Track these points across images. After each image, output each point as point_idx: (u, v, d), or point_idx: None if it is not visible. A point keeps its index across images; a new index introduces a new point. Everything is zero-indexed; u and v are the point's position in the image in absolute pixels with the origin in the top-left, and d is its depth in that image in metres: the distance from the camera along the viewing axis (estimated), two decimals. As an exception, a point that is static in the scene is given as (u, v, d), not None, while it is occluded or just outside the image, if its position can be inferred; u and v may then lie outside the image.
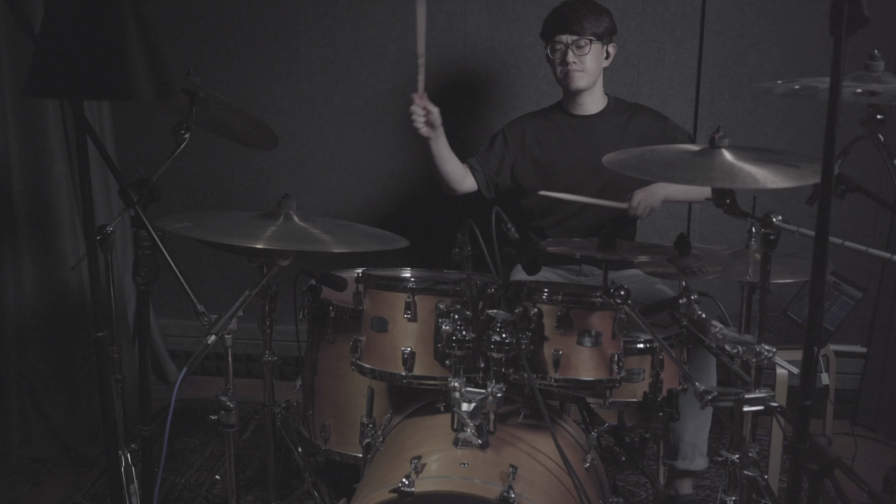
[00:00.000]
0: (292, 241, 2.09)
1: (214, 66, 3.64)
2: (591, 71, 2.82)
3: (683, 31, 3.40)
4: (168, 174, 3.81)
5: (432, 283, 2.08)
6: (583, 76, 2.82)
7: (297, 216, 2.21)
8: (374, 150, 3.65)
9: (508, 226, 2.03)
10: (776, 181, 1.78)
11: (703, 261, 2.11)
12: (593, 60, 2.81)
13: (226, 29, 3.61)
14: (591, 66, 2.81)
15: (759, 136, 3.44)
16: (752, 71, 3.40)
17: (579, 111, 2.94)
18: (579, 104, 2.93)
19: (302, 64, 3.61)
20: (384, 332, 2.12)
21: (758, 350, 1.90)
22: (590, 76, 2.83)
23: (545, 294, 2.02)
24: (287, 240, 2.09)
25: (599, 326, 2.03)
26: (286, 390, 3.06)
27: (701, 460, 2.70)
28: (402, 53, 3.55)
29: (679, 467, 2.71)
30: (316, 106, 3.63)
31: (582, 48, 2.79)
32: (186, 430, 3.46)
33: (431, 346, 2.08)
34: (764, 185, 1.76)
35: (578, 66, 2.80)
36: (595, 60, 2.82)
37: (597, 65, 2.83)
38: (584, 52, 2.79)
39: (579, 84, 2.83)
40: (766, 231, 1.88)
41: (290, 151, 3.68)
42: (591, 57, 2.80)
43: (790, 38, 3.36)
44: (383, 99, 3.59)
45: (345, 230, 2.26)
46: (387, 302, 2.12)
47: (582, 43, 2.78)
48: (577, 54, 2.79)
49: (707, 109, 3.43)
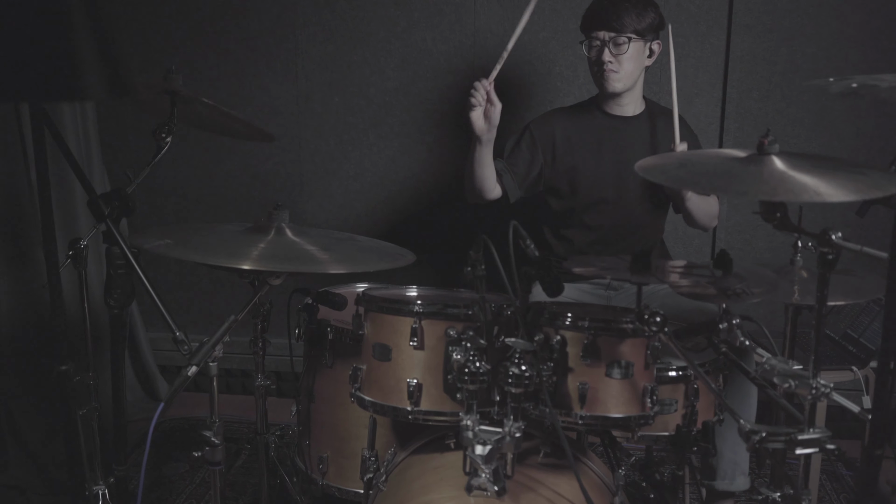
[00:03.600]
0: (284, 261, 1.87)
1: (207, 64, 3.43)
2: (629, 72, 2.60)
3: (709, 26, 3.20)
4: (157, 179, 3.67)
5: (441, 305, 1.86)
6: (619, 78, 2.60)
7: (290, 230, 1.98)
8: (378, 153, 3.43)
9: (527, 242, 1.80)
10: (839, 194, 1.54)
11: (747, 281, 1.88)
12: (632, 60, 2.59)
13: (219, 24, 3.41)
14: (628, 66, 2.59)
15: (790, 139, 3.21)
16: (782, 68, 3.19)
17: (617, 111, 2.72)
18: (618, 104, 2.71)
19: (300, 61, 3.39)
20: (387, 360, 1.89)
21: (813, 385, 1.67)
22: (627, 78, 2.61)
23: (569, 319, 1.80)
24: (278, 259, 1.87)
25: (631, 356, 1.80)
26: (283, 410, 2.83)
27: (742, 479, 2.48)
28: (407, 49, 3.33)
29: (718, 488, 2.48)
30: (315, 105, 3.43)
31: (620, 46, 2.56)
32: (176, 453, 3.23)
33: (441, 377, 1.85)
34: (827, 198, 1.53)
35: (615, 66, 2.58)
36: (634, 60, 2.60)
37: (636, 65, 2.61)
38: (622, 50, 2.56)
39: (615, 87, 2.62)
40: (823, 250, 1.65)
41: (288, 154, 3.46)
42: (631, 56, 2.58)
43: (824, 34, 3.16)
44: (387, 98, 3.39)
45: (343, 245, 2.03)
46: (390, 327, 1.89)
47: (620, 41, 2.56)
48: (614, 53, 2.57)
49: (734, 109, 3.23)
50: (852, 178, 1.64)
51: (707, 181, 1.62)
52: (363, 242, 2.09)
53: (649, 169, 1.70)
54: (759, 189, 1.57)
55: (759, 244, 3.28)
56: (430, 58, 3.32)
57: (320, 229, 2.12)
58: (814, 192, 1.53)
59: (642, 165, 1.73)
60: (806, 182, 1.58)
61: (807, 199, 1.53)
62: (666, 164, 1.73)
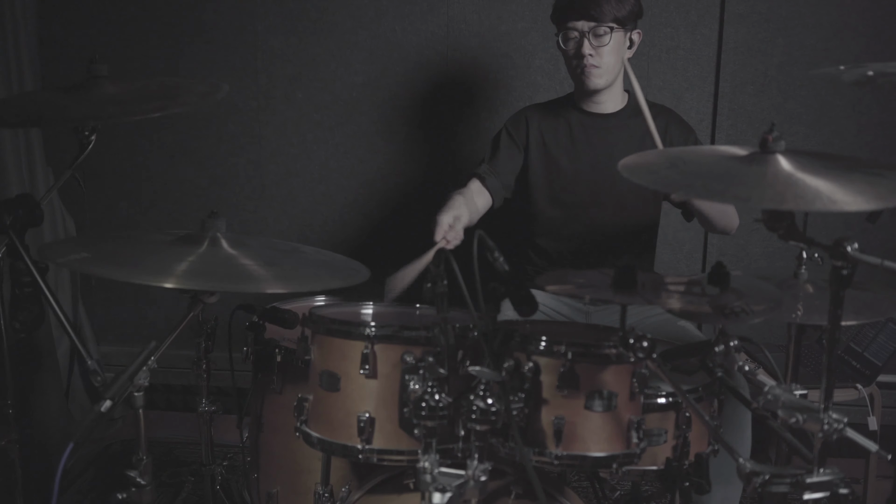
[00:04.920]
0: (215, 278, 1.62)
1: (159, 55, 3.19)
2: (611, 66, 2.38)
3: (700, 14, 3.00)
4: (106, 182, 3.43)
5: (397, 327, 1.62)
6: (600, 73, 2.37)
7: (227, 241, 1.74)
8: (345, 154, 3.20)
9: (496, 254, 1.57)
10: (857, 201, 1.31)
11: (747, 298, 1.65)
12: (613, 53, 2.36)
13: (171, 14, 3.18)
14: (610, 60, 2.36)
15: (787, 136, 2.87)
16: (779, 60, 2.99)
17: (595, 108, 2.50)
18: (595, 101, 2.49)
19: (260, 54, 3.17)
20: (335, 391, 1.66)
21: (825, 421, 1.44)
22: (609, 72, 2.38)
23: (543, 343, 1.56)
24: (208, 275, 1.62)
25: (614, 385, 1.57)
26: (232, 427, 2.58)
27: None
28: (375, 41, 3.11)
29: None
30: (276, 102, 3.21)
31: (601, 37, 2.33)
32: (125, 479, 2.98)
33: (396, 410, 1.62)
34: (843, 206, 1.30)
35: (595, 60, 2.35)
36: (615, 53, 2.37)
37: (617, 58, 2.38)
38: (603, 42, 2.33)
39: (597, 83, 2.39)
40: (837, 264, 1.41)
41: (247, 154, 3.23)
42: (612, 49, 2.35)
43: (823, 23, 2.96)
44: (355, 94, 3.17)
45: (288, 259, 1.78)
46: (339, 352, 1.65)
47: (601, 31, 2.33)
48: (594, 45, 2.34)
49: (727, 105, 3.03)
50: (870, 182, 1.41)
51: (702, 184, 1.38)
52: (311, 255, 1.84)
53: (634, 169, 1.46)
54: (764, 195, 1.33)
55: (755, 249, 3.07)
56: (401, 50, 3.10)
57: (264, 238, 1.87)
58: (828, 200, 1.30)
59: (626, 165, 1.50)
60: (818, 187, 1.35)
61: (820, 207, 1.30)
62: (653, 163, 1.49)
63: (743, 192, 1.34)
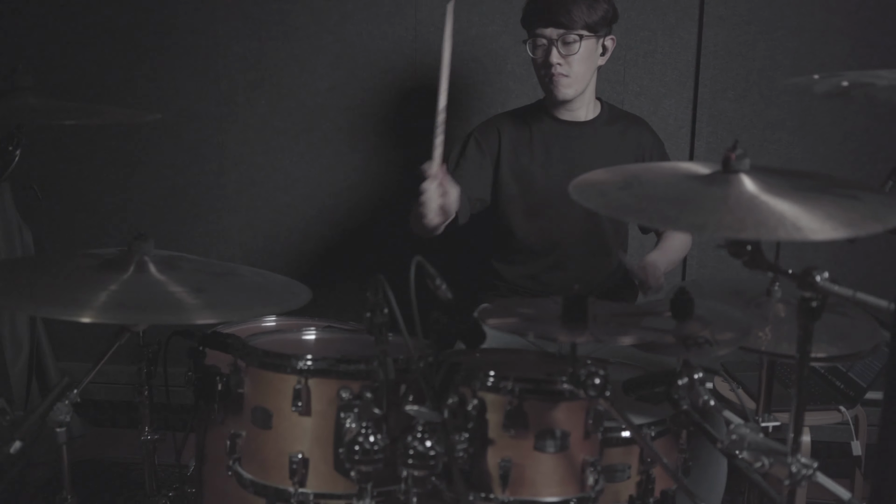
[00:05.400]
0: (138, 309, 1.51)
1: (117, 63, 3.07)
2: (581, 76, 2.27)
3: (679, 17, 2.88)
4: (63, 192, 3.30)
5: (333, 361, 1.49)
6: (570, 83, 2.27)
7: (155, 265, 1.61)
8: (310, 162, 3.08)
9: (437, 282, 1.45)
10: (825, 229, 1.19)
11: (712, 327, 1.53)
12: (584, 62, 2.25)
13: (128, 18, 3.05)
14: (580, 69, 2.25)
15: (769, 144, 2.89)
16: (760, 64, 2.88)
17: (567, 116, 2.39)
18: (568, 109, 2.38)
19: (221, 59, 3.04)
20: (268, 428, 1.54)
21: (792, 466, 1.32)
22: (579, 82, 2.28)
23: (491, 379, 1.43)
24: (130, 306, 1.50)
25: (567, 423, 1.46)
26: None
27: None
28: (341, 45, 2.99)
29: None
30: (238, 109, 3.07)
31: (570, 45, 2.22)
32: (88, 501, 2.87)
33: (331, 450, 1.50)
34: (809, 234, 1.18)
35: (564, 69, 2.24)
36: (586, 61, 2.26)
37: (588, 66, 2.27)
38: (573, 50, 2.22)
39: (565, 93, 2.29)
40: (805, 296, 1.29)
41: (209, 163, 3.10)
42: (582, 57, 2.24)
43: (807, 27, 2.84)
44: (320, 100, 3.05)
45: (222, 283, 1.65)
46: (270, 387, 1.54)
47: (570, 38, 2.22)
48: (563, 54, 2.23)
49: (707, 111, 2.91)
50: (841, 206, 1.29)
51: (654, 209, 1.26)
52: (247, 278, 1.71)
53: (584, 190, 1.34)
54: (722, 222, 1.21)
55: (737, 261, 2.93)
56: (367, 54, 2.98)
57: (198, 260, 1.75)
58: (792, 227, 1.18)
59: (577, 185, 1.37)
60: (783, 212, 1.23)
61: (783, 236, 1.18)
62: (606, 182, 1.37)
63: (699, 218, 1.22)
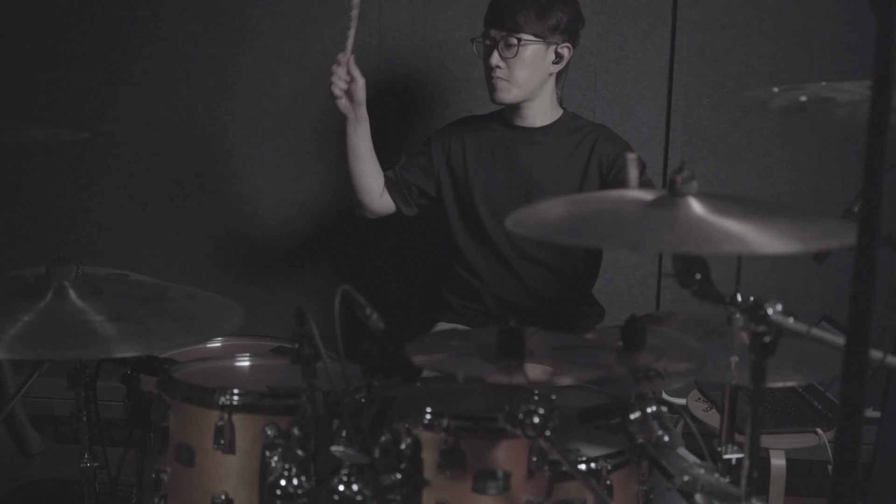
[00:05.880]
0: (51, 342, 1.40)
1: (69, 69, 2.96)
2: (521, 81, 2.17)
3: (651, 22, 2.77)
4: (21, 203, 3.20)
5: (257, 396, 1.40)
6: (508, 87, 2.18)
7: (75, 291, 1.51)
8: (273, 172, 2.98)
9: (367, 311, 1.35)
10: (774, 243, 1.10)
11: (665, 358, 1.43)
12: (526, 67, 2.16)
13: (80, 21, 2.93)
14: (521, 74, 2.16)
15: (745, 153, 2.79)
16: (737, 71, 2.77)
17: (519, 122, 2.30)
18: (520, 115, 2.29)
19: (179, 65, 2.94)
20: (191, 466, 1.44)
21: (747, 513, 1.22)
22: (519, 87, 2.18)
23: (427, 416, 1.34)
24: (43, 339, 1.40)
25: (508, 463, 1.36)
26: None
27: None
28: (302, 51, 2.89)
29: None
30: (198, 117, 2.97)
31: (510, 48, 2.14)
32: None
33: (257, 491, 1.39)
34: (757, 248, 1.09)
35: (503, 72, 2.16)
36: (529, 67, 2.16)
37: (531, 73, 2.18)
38: (511, 54, 2.14)
39: (503, 97, 2.20)
40: (757, 330, 1.20)
41: (168, 174, 3.01)
42: (524, 62, 2.15)
43: (785, 31, 2.74)
44: (282, 107, 2.94)
45: (146, 307, 1.55)
46: (193, 422, 1.44)
47: (511, 41, 2.13)
48: (503, 56, 2.14)
49: (681, 119, 2.81)
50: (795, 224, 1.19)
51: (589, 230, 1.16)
52: (177, 302, 1.60)
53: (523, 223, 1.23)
54: (661, 238, 1.11)
55: (713, 275, 2.84)
56: (330, 60, 2.77)
57: (129, 282, 1.65)
58: (738, 241, 1.09)
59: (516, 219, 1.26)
60: (729, 229, 1.13)
61: (727, 249, 1.08)
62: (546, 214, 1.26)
63: (635, 236, 1.12)
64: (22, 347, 1.37)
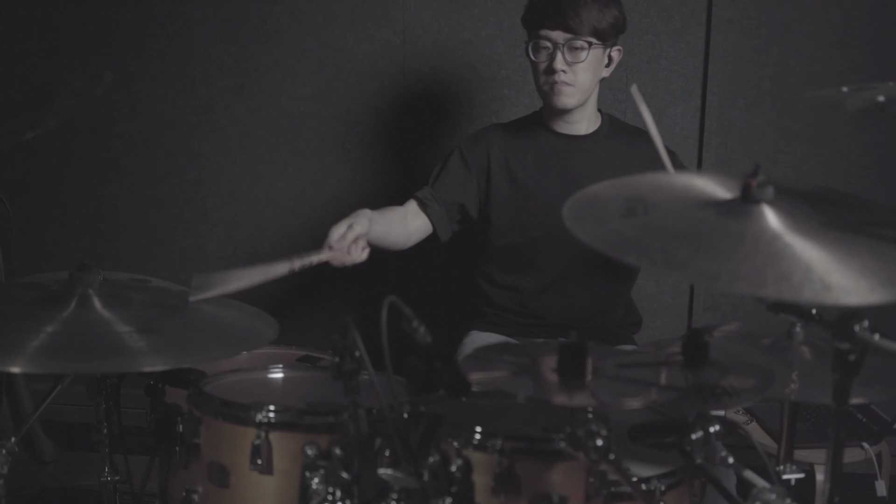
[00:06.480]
0: (77, 355, 1.32)
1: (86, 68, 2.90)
2: (584, 86, 2.10)
3: (685, 20, 2.71)
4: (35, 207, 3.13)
5: (296, 413, 1.31)
6: (573, 93, 2.09)
7: (100, 299, 1.43)
8: (293, 173, 2.92)
9: (414, 324, 1.27)
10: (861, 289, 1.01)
11: (731, 375, 1.35)
12: (589, 71, 2.08)
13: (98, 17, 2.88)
14: (584, 79, 2.08)
15: (782, 156, 2.72)
16: (773, 71, 2.71)
17: (565, 129, 2.21)
18: (567, 121, 2.20)
19: (198, 63, 2.89)
20: (225, 487, 1.36)
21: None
22: (582, 93, 2.10)
23: (477, 436, 1.25)
24: (69, 352, 1.32)
25: (565, 487, 1.28)
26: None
27: None
28: (325, 49, 2.83)
29: None
30: (217, 116, 2.91)
31: (576, 52, 2.05)
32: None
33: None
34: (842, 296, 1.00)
35: (569, 77, 2.06)
36: (591, 71, 2.09)
37: (593, 77, 2.10)
38: (579, 58, 2.05)
39: (566, 102, 2.11)
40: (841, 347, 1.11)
41: (187, 175, 2.95)
42: (588, 66, 2.07)
43: (822, 30, 2.67)
44: (303, 107, 2.88)
45: (174, 320, 1.47)
46: (227, 440, 1.36)
47: (577, 44, 2.04)
48: (568, 61, 2.05)
49: (715, 121, 2.74)
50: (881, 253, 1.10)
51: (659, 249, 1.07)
52: (209, 312, 1.53)
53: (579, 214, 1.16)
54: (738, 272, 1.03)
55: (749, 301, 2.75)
56: (353, 59, 2.82)
57: (154, 289, 1.57)
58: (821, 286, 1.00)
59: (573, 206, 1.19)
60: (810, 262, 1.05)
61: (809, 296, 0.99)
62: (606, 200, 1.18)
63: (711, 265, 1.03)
64: (46, 360, 1.30)
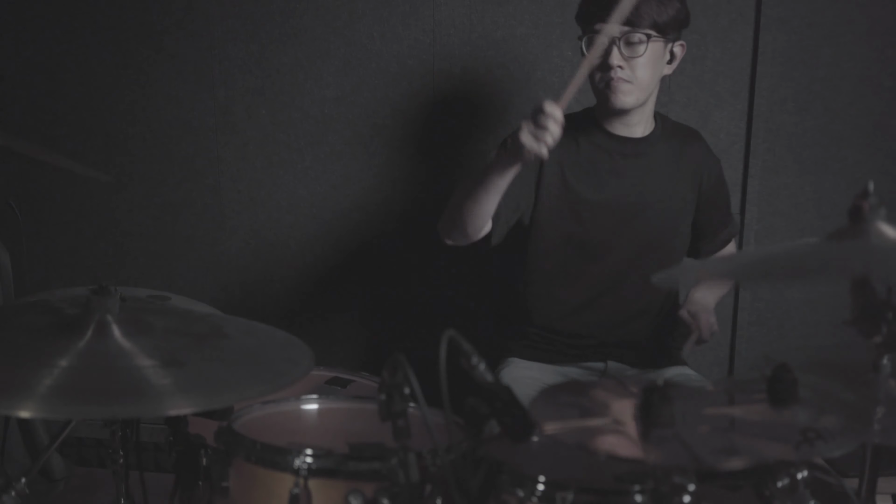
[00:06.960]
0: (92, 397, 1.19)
1: (100, 69, 2.79)
2: (644, 83, 1.96)
3: (733, 18, 2.57)
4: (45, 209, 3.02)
5: (339, 459, 1.18)
6: (631, 91, 1.96)
7: (119, 327, 1.30)
8: (315, 179, 2.79)
9: (473, 360, 1.14)
10: None
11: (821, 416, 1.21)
12: (649, 67, 1.95)
13: (114, 17, 2.76)
14: (644, 76, 1.95)
15: (834, 163, 2.59)
16: (825, 73, 2.57)
17: (622, 131, 2.07)
18: (624, 122, 2.06)
19: (217, 63, 2.76)
20: (258, 538, 1.22)
21: None
22: (641, 91, 1.97)
23: (541, 486, 1.12)
24: (83, 392, 1.18)
25: (640, 543, 1.13)
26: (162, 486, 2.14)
27: None
28: (350, 49, 2.70)
29: None
30: (237, 119, 2.78)
31: (634, 47, 1.92)
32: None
33: (338, 570, 1.18)
34: None
35: (626, 74, 1.93)
36: (652, 67, 1.96)
37: (653, 73, 1.97)
38: (638, 52, 1.92)
39: (624, 101, 1.97)
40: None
41: (205, 179, 2.83)
42: (647, 61, 1.94)
43: (877, 30, 2.53)
44: (326, 110, 2.75)
45: (202, 349, 1.33)
46: (261, 487, 1.23)
47: (635, 38, 1.92)
48: (626, 55, 1.92)
49: (763, 125, 2.59)
50: None
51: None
52: (236, 341, 1.39)
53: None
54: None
55: (794, 294, 2.63)
56: (379, 60, 2.69)
57: (178, 312, 1.45)
58: None
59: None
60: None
61: None
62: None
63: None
64: (59, 404, 1.16)
